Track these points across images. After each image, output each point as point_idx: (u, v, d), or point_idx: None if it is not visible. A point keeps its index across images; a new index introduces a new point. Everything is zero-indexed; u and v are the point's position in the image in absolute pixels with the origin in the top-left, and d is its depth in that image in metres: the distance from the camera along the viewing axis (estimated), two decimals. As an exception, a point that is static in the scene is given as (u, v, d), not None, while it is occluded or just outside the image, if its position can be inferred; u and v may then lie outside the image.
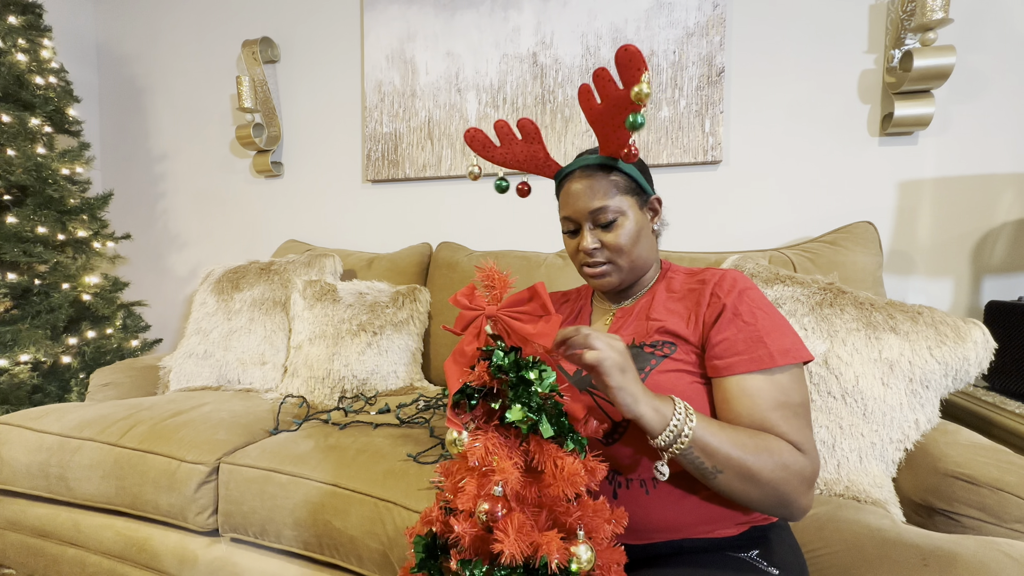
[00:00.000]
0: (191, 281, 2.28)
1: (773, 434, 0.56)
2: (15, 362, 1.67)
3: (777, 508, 0.56)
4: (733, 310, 0.62)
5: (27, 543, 1.22)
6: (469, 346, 0.54)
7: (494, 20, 1.72)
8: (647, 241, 0.71)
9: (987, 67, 1.30)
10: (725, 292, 0.63)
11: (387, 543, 0.88)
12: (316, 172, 2.05)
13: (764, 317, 0.61)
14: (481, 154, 0.73)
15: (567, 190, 0.70)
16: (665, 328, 0.65)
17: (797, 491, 0.55)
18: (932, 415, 0.88)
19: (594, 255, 0.69)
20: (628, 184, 0.68)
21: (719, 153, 1.51)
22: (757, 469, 0.53)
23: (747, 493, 0.54)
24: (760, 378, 0.58)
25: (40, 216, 1.75)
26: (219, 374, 1.53)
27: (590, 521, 0.50)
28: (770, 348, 0.59)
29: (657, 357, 0.63)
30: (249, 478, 1.02)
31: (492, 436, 0.51)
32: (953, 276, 1.36)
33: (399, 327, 1.47)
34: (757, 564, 0.58)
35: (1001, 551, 0.64)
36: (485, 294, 0.56)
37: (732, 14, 1.49)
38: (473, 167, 0.71)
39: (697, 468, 0.54)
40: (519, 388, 0.50)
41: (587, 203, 0.67)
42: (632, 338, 0.68)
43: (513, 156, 0.72)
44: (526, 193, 0.76)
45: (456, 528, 0.49)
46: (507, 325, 0.54)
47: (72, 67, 2.19)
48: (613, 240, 0.68)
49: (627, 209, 0.68)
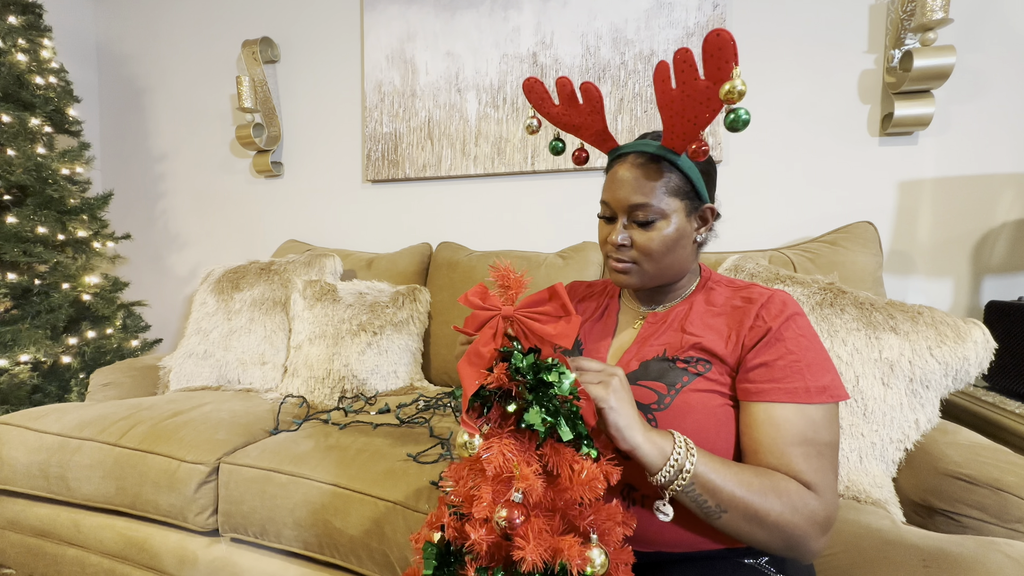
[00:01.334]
0: (191, 281, 2.28)
1: (789, 470, 0.53)
2: (15, 362, 1.67)
3: (785, 550, 0.53)
4: (777, 335, 0.58)
5: (27, 543, 1.22)
6: (485, 347, 0.52)
7: (494, 20, 1.72)
8: (684, 251, 0.65)
9: (987, 67, 1.30)
10: (772, 316, 0.59)
11: (387, 543, 0.88)
12: (316, 172, 2.05)
13: (808, 348, 0.57)
14: (537, 107, 0.67)
15: (614, 173, 0.64)
16: (701, 345, 0.61)
17: (807, 535, 0.51)
18: (932, 415, 0.88)
19: (620, 251, 0.64)
20: (681, 185, 0.62)
21: (719, 153, 1.51)
22: (764, 511, 0.50)
23: (752, 534, 0.52)
24: (791, 409, 0.55)
25: (40, 216, 1.75)
26: (219, 374, 1.53)
27: (603, 524, 0.50)
28: (808, 383, 0.55)
29: (690, 375, 0.60)
30: (249, 478, 1.02)
31: (507, 440, 0.49)
32: (953, 276, 1.36)
33: (399, 327, 1.47)
34: (766, 572, 0.57)
35: (1001, 551, 0.64)
36: (499, 294, 0.55)
37: (732, 14, 1.49)
38: (531, 119, 0.67)
39: (700, 507, 0.52)
40: (538, 391, 0.49)
41: (629, 195, 0.62)
42: (664, 349, 0.63)
43: (570, 118, 0.66)
44: (583, 160, 0.69)
45: (472, 535, 0.48)
46: (525, 326, 0.52)
47: (72, 67, 2.18)
48: (645, 242, 0.63)
49: (671, 213, 0.62)
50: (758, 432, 0.55)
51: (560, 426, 0.48)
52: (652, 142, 0.63)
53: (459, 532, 0.52)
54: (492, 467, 0.47)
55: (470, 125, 1.77)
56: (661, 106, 0.56)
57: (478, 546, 0.48)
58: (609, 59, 1.60)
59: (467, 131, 1.77)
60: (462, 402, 0.51)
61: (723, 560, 0.58)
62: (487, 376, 0.51)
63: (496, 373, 0.51)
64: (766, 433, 0.55)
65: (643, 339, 0.67)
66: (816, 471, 0.53)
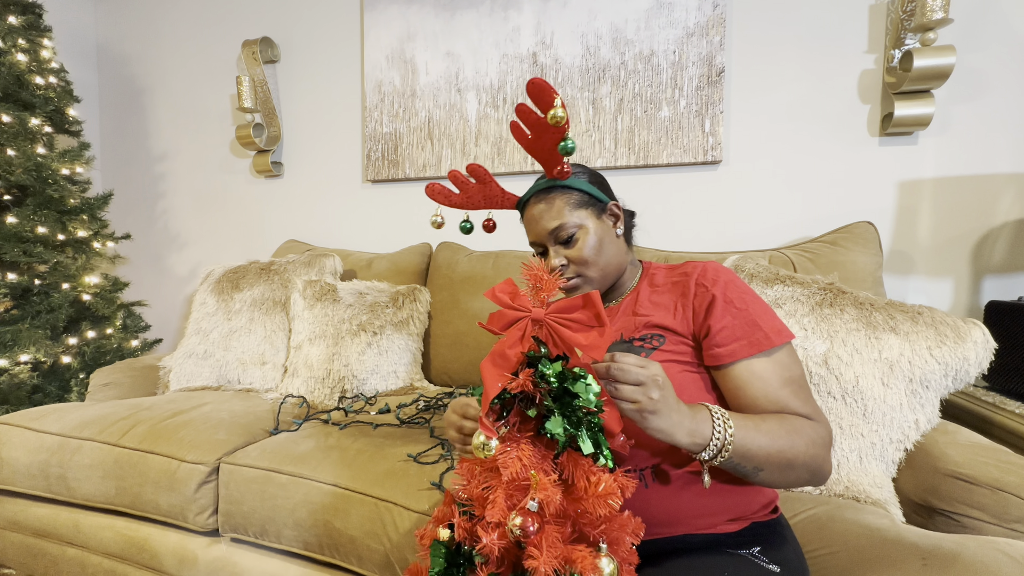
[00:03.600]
0: (191, 281, 2.28)
1: (787, 410, 0.59)
2: (15, 362, 1.67)
3: (809, 481, 0.59)
4: (724, 299, 0.64)
5: (27, 543, 1.22)
6: (512, 349, 0.51)
7: (494, 20, 1.72)
8: (612, 247, 0.73)
9: (987, 67, 1.30)
10: (711, 282, 0.65)
11: (387, 543, 0.88)
12: (316, 172, 2.05)
13: (752, 302, 0.64)
14: (444, 204, 0.78)
15: (528, 216, 0.75)
16: (652, 322, 0.67)
17: (826, 460, 0.59)
18: (932, 415, 0.88)
19: (564, 271, 0.72)
20: (581, 198, 0.72)
21: (719, 153, 1.51)
22: (793, 455, 0.56)
23: (786, 478, 0.57)
24: (764, 360, 0.61)
25: (40, 216, 1.75)
26: (219, 374, 1.53)
27: (614, 534, 0.49)
28: (765, 330, 0.62)
29: (647, 350, 0.66)
30: (249, 478, 1.02)
31: (525, 446, 0.48)
32: (953, 276, 1.36)
33: (399, 327, 1.47)
34: (758, 561, 0.58)
35: (1000, 551, 0.64)
36: (529, 294, 0.54)
37: (732, 14, 1.49)
38: (436, 216, 0.77)
39: (737, 470, 0.55)
40: (562, 400, 0.48)
41: (545, 225, 0.72)
42: (620, 334, 0.70)
43: (472, 199, 0.77)
44: (492, 228, 0.80)
45: (484, 540, 0.47)
46: (555, 332, 0.51)
47: (72, 67, 2.18)
48: (576, 254, 0.71)
49: (584, 222, 0.71)
50: (749, 388, 0.61)
51: (581, 438, 0.47)
52: (540, 181, 0.74)
53: (469, 533, 0.51)
54: (509, 472, 0.46)
55: (470, 125, 1.77)
56: (528, 151, 0.69)
57: (490, 550, 0.47)
58: (609, 59, 1.60)
59: (467, 131, 1.77)
60: (482, 403, 0.50)
61: (715, 550, 0.59)
62: (511, 380, 0.50)
63: (521, 379, 0.49)
64: (755, 387, 0.61)
65: None
66: (806, 402, 0.61)
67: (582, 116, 1.63)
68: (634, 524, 0.52)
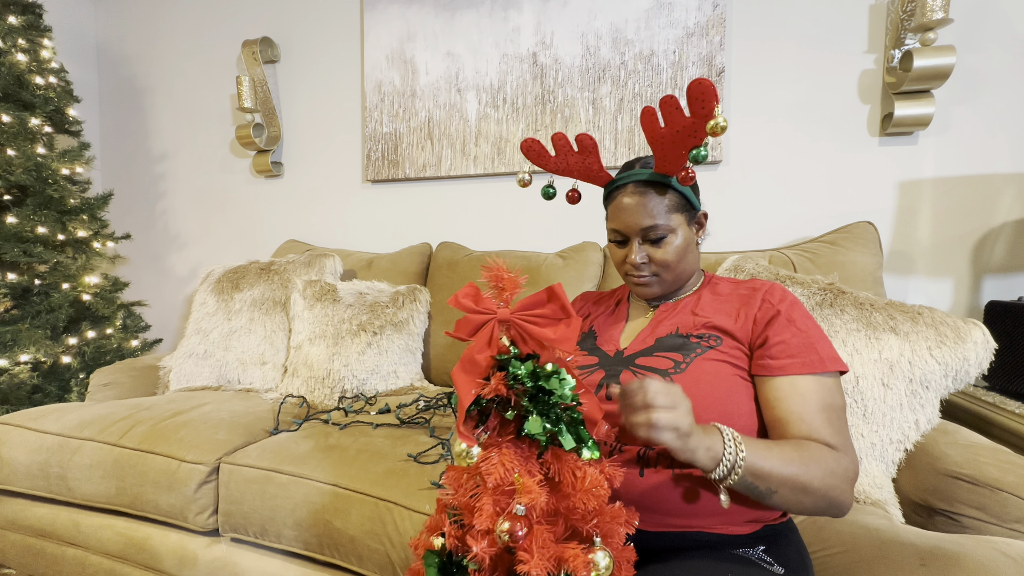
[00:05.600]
0: (191, 281, 2.28)
1: (817, 435, 0.58)
2: (15, 362, 1.67)
3: (826, 511, 0.57)
4: (787, 316, 0.65)
5: (27, 543, 1.22)
6: (480, 354, 0.50)
7: (494, 20, 1.72)
8: (692, 255, 0.74)
9: (987, 67, 1.30)
10: (777, 300, 0.67)
11: (387, 543, 0.88)
12: (316, 172, 2.05)
13: (814, 328, 0.65)
14: (536, 163, 0.75)
15: (618, 203, 0.72)
16: (712, 323, 0.68)
17: (845, 493, 0.57)
18: (932, 415, 0.88)
19: (641, 269, 0.72)
20: (679, 202, 0.71)
21: (719, 153, 1.51)
22: (808, 480, 0.54)
23: (800, 503, 0.55)
24: (811, 380, 0.61)
25: (40, 216, 1.75)
26: (219, 374, 1.53)
27: (607, 526, 0.49)
28: (821, 355, 0.62)
29: (703, 347, 0.66)
30: (249, 478, 1.02)
31: (507, 450, 0.48)
32: (953, 276, 1.36)
33: (399, 327, 1.47)
34: (763, 561, 0.58)
35: (999, 550, 0.64)
36: (492, 295, 0.53)
37: (732, 14, 1.49)
38: (524, 174, 0.74)
39: (752, 492, 0.55)
40: (538, 399, 0.48)
41: (639, 220, 0.70)
42: (676, 327, 0.71)
43: (567, 166, 0.74)
44: (576, 199, 0.77)
45: (475, 548, 0.46)
46: (524, 330, 0.50)
47: (72, 67, 2.19)
48: (662, 256, 0.71)
49: (677, 227, 0.71)
50: (787, 403, 0.60)
51: (562, 434, 0.47)
52: (644, 170, 0.71)
53: (460, 541, 0.50)
54: (493, 479, 0.46)
55: (470, 125, 1.77)
56: (652, 142, 0.65)
57: (481, 558, 0.46)
58: (609, 59, 1.60)
59: (467, 131, 1.77)
60: (458, 412, 0.49)
61: (720, 550, 0.59)
62: (484, 386, 0.49)
63: (493, 384, 0.49)
64: (795, 403, 0.60)
65: (657, 322, 0.74)
66: (838, 433, 0.59)
67: (582, 116, 1.63)
68: (627, 514, 0.51)
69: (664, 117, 0.62)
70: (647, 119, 0.63)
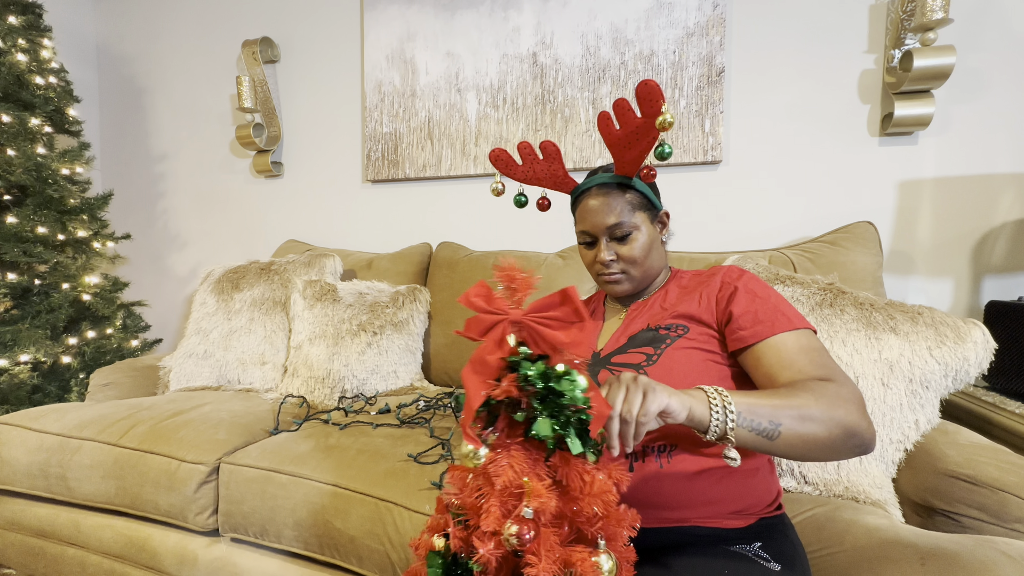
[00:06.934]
0: (191, 281, 2.28)
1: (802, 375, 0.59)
2: (15, 362, 1.67)
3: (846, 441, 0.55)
4: (746, 289, 0.68)
5: (27, 543, 1.22)
6: (491, 355, 0.49)
7: (494, 20, 1.72)
8: (657, 251, 0.78)
9: (987, 67, 1.30)
10: (735, 278, 0.71)
11: (387, 543, 0.88)
12: (316, 172, 2.05)
13: (775, 295, 0.68)
14: (504, 172, 0.78)
15: (584, 206, 0.76)
16: (678, 311, 0.72)
17: (853, 415, 0.55)
18: (932, 415, 0.88)
19: (610, 266, 0.76)
20: (641, 201, 0.76)
21: (719, 153, 1.51)
22: (804, 404, 0.54)
23: (815, 434, 0.53)
24: (785, 335, 0.64)
25: (40, 216, 1.75)
26: (219, 374, 1.53)
27: (611, 530, 0.48)
28: (788, 315, 0.65)
29: (672, 337, 0.69)
30: (249, 478, 1.02)
31: (516, 451, 0.47)
32: (953, 276, 1.36)
33: (399, 327, 1.47)
34: (759, 558, 0.58)
35: (999, 550, 0.64)
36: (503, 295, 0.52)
37: (732, 14, 1.49)
38: (497, 183, 0.77)
39: (758, 433, 0.53)
40: (548, 401, 0.47)
41: (604, 219, 0.74)
42: (647, 323, 0.74)
43: (534, 174, 0.78)
44: (546, 207, 0.80)
45: (481, 550, 0.46)
46: (536, 332, 0.49)
47: (72, 67, 2.18)
48: (628, 252, 0.75)
49: (640, 224, 0.75)
50: (768, 359, 0.63)
51: (570, 436, 0.46)
52: (605, 175, 0.76)
53: (465, 542, 0.49)
54: (502, 481, 0.45)
55: (470, 125, 1.77)
56: (610, 145, 0.69)
57: (487, 560, 0.46)
58: (609, 59, 1.60)
59: (467, 131, 1.77)
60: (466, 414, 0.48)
61: (717, 546, 0.59)
62: (494, 387, 0.48)
63: (504, 385, 0.48)
64: (775, 358, 0.62)
65: (629, 321, 0.78)
66: (823, 367, 0.60)
67: (582, 116, 1.63)
68: (630, 516, 0.51)
69: (618, 119, 0.65)
70: (603, 124, 0.67)
